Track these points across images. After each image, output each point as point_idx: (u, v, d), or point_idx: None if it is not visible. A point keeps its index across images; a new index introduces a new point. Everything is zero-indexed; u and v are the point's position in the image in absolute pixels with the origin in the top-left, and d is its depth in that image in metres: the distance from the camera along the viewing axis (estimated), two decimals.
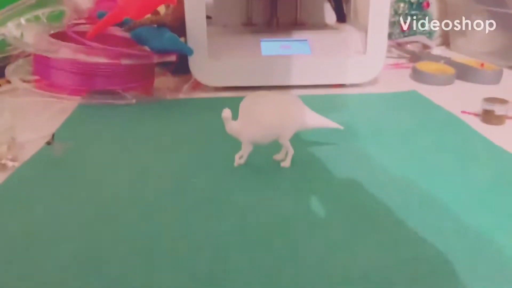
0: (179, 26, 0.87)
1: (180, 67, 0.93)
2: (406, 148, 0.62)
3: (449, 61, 0.98)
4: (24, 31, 0.85)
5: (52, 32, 0.85)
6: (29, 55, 0.86)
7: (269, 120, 0.54)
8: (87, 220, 0.46)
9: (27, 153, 0.61)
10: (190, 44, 0.86)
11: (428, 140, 0.64)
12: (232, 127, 0.54)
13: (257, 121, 0.54)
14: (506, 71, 0.98)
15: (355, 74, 0.90)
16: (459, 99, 0.82)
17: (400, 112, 0.76)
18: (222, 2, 1.07)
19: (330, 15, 1.10)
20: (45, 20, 0.87)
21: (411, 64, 1.02)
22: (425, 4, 1.18)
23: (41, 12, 0.86)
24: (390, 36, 1.21)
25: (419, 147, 0.62)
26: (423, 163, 0.57)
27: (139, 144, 0.65)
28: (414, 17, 1.19)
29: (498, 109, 0.69)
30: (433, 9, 1.23)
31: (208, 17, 1.01)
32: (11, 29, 0.83)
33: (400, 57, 1.14)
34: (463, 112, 0.75)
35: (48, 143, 0.62)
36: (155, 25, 0.84)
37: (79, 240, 0.43)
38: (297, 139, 0.59)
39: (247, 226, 0.45)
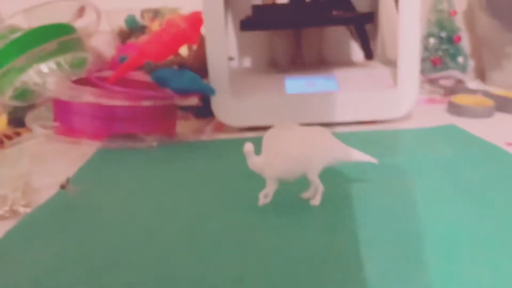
0: (201, 67, 0.85)
1: (203, 110, 0.91)
2: (449, 182, 0.56)
3: (486, 93, 0.93)
4: (46, 78, 0.84)
5: (74, 78, 0.84)
6: (50, 102, 0.85)
7: (295, 153, 0.49)
8: (98, 265, 0.42)
9: (42, 198, 0.59)
10: (212, 84, 0.84)
11: (474, 174, 0.58)
12: (255, 162, 0.50)
13: (281, 155, 0.49)
14: None
15: (387, 109, 0.85)
16: (502, 131, 0.76)
17: (439, 146, 0.70)
18: (246, 43, 1.05)
19: (356, 53, 1.07)
20: (67, 67, 0.86)
21: (446, 99, 0.96)
22: (456, 38, 1.14)
23: (63, 59, 0.85)
24: (421, 72, 1.17)
25: (464, 181, 0.56)
26: (469, 198, 0.51)
27: (158, 186, 0.61)
28: (446, 52, 1.14)
29: None
30: (465, 42, 1.19)
31: (230, 58, 0.99)
32: (32, 76, 0.82)
33: (433, 92, 1.09)
34: (508, 144, 0.69)
35: (63, 187, 0.59)
36: (176, 66, 0.83)
37: (90, 286, 0.38)
38: (327, 175, 0.53)
39: (271, 269, 0.39)
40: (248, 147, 0.49)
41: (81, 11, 0.95)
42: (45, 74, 0.84)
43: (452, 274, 0.37)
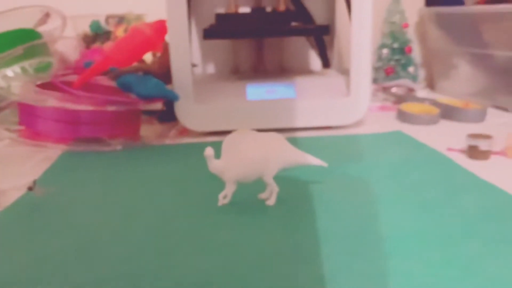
0: (165, 73, 0.88)
1: (167, 114, 0.94)
2: (392, 183, 0.61)
3: (433, 102, 1.00)
4: (11, 83, 0.86)
5: (39, 82, 0.86)
6: (15, 106, 0.87)
7: (252, 157, 0.53)
8: (66, 263, 0.45)
9: (8, 200, 0.60)
10: (176, 90, 0.87)
11: (414, 176, 0.64)
12: (215, 165, 0.54)
13: (240, 159, 0.53)
14: (490, 110, 0.99)
15: (340, 116, 0.90)
16: (445, 137, 0.82)
17: (386, 151, 0.76)
18: (209, 50, 1.09)
19: (315, 61, 1.13)
20: (32, 71, 0.88)
21: (396, 106, 1.03)
22: (407, 49, 1.21)
23: (28, 64, 0.87)
24: (375, 80, 1.24)
25: (405, 183, 0.61)
26: (409, 198, 0.56)
27: (122, 188, 0.64)
28: (398, 62, 1.21)
29: (483, 145, 0.70)
30: (416, 53, 1.27)
31: (194, 65, 1.03)
32: None
33: (385, 100, 1.15)
34: (449, 149, 0.75)
35: (30, 188, 0.61)
36: (141, 73, 0.86)
37: (56, 283, 0.41)
38: (282, 177, 0.58)
39: (230, 264, 0.43)
40: (208, 151, 0.53)
41: (46, 17, 0.97)
42: (10, 79, 0.85)
43: (389, 267, 0.42)
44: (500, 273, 0.40)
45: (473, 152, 0.70)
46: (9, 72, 0.85)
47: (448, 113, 0.95)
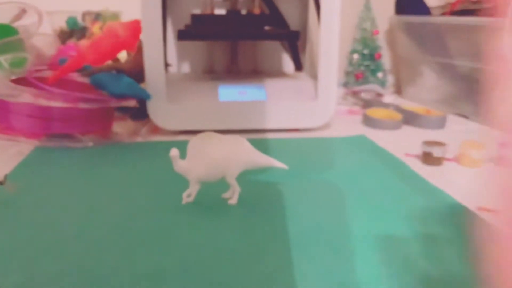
0: (138, 72, 0.91)
1: (140, 112, 0.96)
2: (348, 187, 0.65)
3: (397, 108, 1.04)
4: None
5: (13, 77, 0.87)
6: None
7: (215, 158, 0.56)
8: (32, 255, 0.47)
9: None
10: (149, 89, 0.89)
11: (370, 180, 0.68)
12: (180, 165, 0.57)
13: (203, 160, 0.56)
14: (451, 117, 1.04)
15: (308, 119, 0.94)
16: (405, 143, 0.86)
17: (347, 154, 0.80)
18: (185, 50, 1.11)
19: (288, 64, 1.16)
20: (7, 66, 0.89)
21: (363, 111, 1.07)
22: (376, 55, 1.25)
23: (3, 59, 0.88)
24: (345, 84, 1.28)
25: (362, 186, 0.65)
26: (363, 201, 0.60)
27: (91, 185, 0.66)
28: (368, 67, 1.26)
29: (436, 151, 0.74)
30: (385, 59, 1.31)
31: (168, 64, 1.05)
32: None
33: (355, 104, 1.20)
34: (406, 154, 0.79)
35: (1, 183, 0.62)
36: (114, 71, 0.88)
37: (23, 274, 0.44)
38: (244, 178, 0.61)
39: (188, 260, 0.46)
40: (174, 152, 0.56)
41: (22, 13, 0.98)
42: None
43: (335, 263, 0.45)
44: (436, 270, 0.44)
45: (427, 158, 0.74)
46: None
47: (410, 119, 0.99)
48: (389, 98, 1.23)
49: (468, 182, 0.68)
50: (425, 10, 1.18)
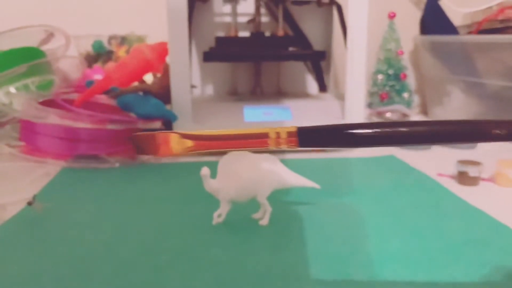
0: (164, 94, 0.91)
1: None
2: (382, 207, 0.63)
3: None
4: (13, 99, 0.88)
5: (40, 99, 0.88)
6: (16, 122, 0.88)
7: (247, 178, 0.55)
8: (60, 278, 0.46)
9: (7, 215, 0.62)
10: (175, 110, 0.89)
11: (403, 200, 0.65)
12: (211, 185, 0.56)
13: (234, 179, 0.55)
14: None
15: None
16: (436, 163, 0.84)
17: (377, 174, 0.78)
18: (209, 72, 1.12)
19: (311, 85, 1.15)
20: (34, 89, 0.90)
21: None
22: (402, 75, 1.24)
23: (31, 81, 0.89)
24: (370, 105, 1.26)
25: (395, 206, 0.63)
26: (398, 222, 0.58)
27: (118, 205, 0.66)
28: (393, 88, 1.24)
29: (472, 171, 0.71)
30: (410, 80, 1.29)
31: (193, 86, 1.05)
32: (0, 97, 0.85)
33: None
34: (439, 174, 0.77)
35: (29, 203, 0.62)
36: (141, 93, 0.88)
37: None
38: (276, 198, 0.59)
39: (218, 282, 0.44)
40: (205, 171, 0.55)
41: (50, 36, 0.99)
42: (13, 95, 0.87)
43: None
44: None
45: (463, 178, 0.72)
46: (12, 89, 0.87)
47: None
48: (415, 118, 1.21)
49: (508, 202, 0.65)
50: (452, 30, 1.17)
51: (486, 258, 0.48)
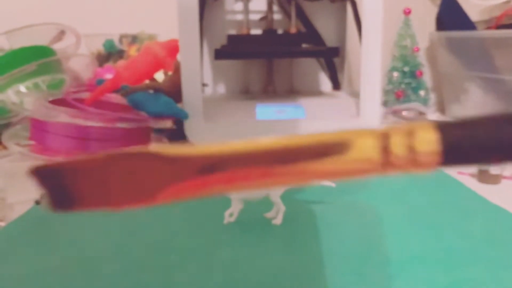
0: (176, 92, 0.89)
1: (177, 133, 0.95)
2: (400, 205, 0.61)
3: None
4: (24, 98, 0.87)
5: (51, 98, 0.87)
6: (26, 121, 0.88)
7: None
8: (67, 277, 0.45)
9: (16, 213, 0.61)
10: (186, 109, 0.87)
11: (422, 198, 0.63)
12: None
13: None
14: None
15: None
16: None
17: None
18: (220, 70, 1.10)
19: (325, 83, 1.13)
20: (44, 88, 0.89)
21: None
22: (418, 72, 1.21)
23: (41, 80, 0.88)
24: (385, 103, 1.24)
25: (413, 205, 0.61)
26: (417, 220, 0.56)
27: None
28: (409, 85, 1.21)
29: (494, 169, 0.69)
30: (427, 77, 1.27)
31: (204, 84, 1.04)
32: (10, 96, 0.85)
33: (396, 123, 1.15)
34: (459, 172, 0.75)
35: (37, 202, 0.61)
36: (152, 91, 0.87)
37: None
38: (289, 197, 0.57)
39: (234, 282, 0.43)
40: None
41: (61, 35, 0.99)
42: (23, 94, 0.86)
43: None
44: None
45: (484, 176, 0.69)
46: (22, 87, 0.86)
47: None
48: (432, 116, 1.18)
49: None
50: (469, 25, 1.14)
51: (509, 258, 0.46)
